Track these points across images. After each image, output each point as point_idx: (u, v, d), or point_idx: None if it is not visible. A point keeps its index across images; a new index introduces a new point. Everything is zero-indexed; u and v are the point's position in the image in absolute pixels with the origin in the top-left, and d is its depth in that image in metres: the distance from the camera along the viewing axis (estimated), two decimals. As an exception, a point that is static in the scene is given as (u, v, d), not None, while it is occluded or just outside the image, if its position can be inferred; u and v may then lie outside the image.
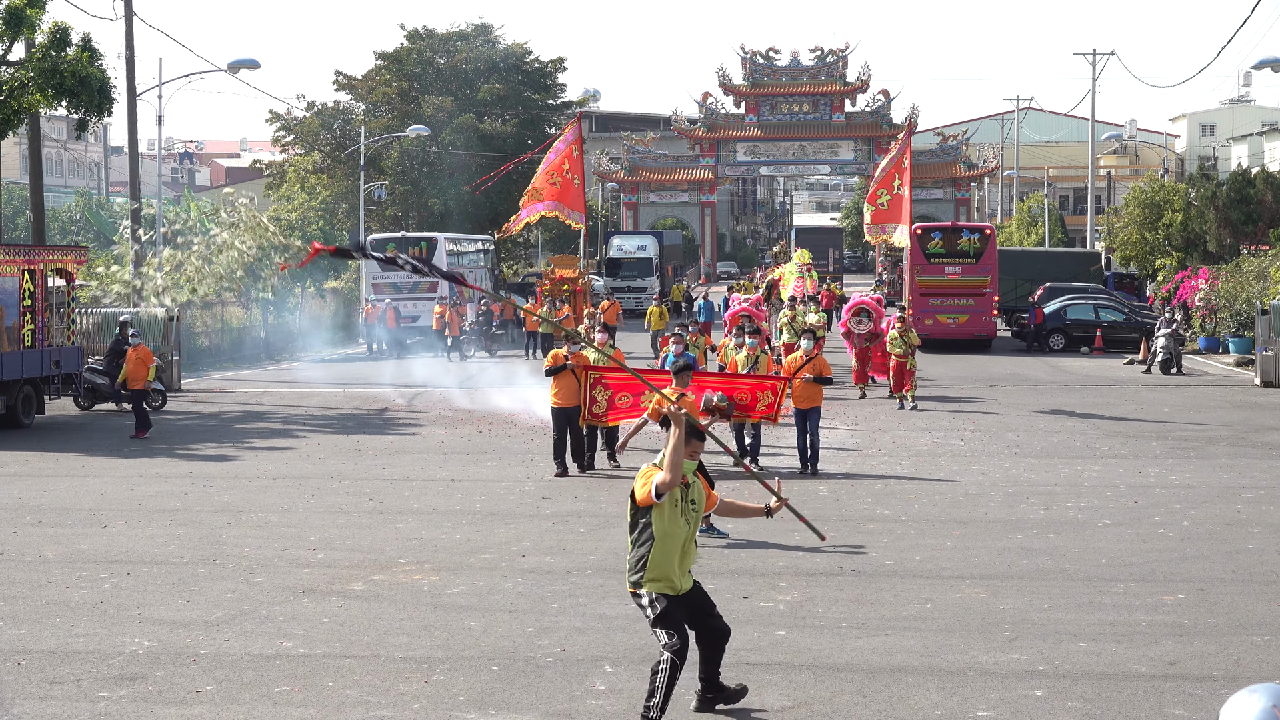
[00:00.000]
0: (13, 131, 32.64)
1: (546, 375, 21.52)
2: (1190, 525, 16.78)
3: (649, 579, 9.43)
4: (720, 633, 9.83)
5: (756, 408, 20.36)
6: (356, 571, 14.40)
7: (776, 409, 20.59)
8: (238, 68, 41.31)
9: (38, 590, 13.68)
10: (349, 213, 67.23)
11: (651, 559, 9.43)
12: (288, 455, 23.32)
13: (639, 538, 9.50)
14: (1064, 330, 46.19)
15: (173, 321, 35.64)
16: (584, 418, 20.93)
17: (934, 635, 11.87)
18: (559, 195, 34.85)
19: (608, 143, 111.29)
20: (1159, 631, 11.99)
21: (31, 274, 27.84)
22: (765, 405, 20.46)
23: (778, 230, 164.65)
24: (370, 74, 74.63)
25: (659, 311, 43.59)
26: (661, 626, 9.38)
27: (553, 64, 78.16)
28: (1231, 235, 52.64)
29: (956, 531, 16.40)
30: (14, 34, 30.58)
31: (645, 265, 72.28)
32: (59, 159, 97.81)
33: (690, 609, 9.62)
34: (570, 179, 35.10)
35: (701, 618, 9.73)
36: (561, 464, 20.80)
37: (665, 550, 9.44)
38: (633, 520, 9.56)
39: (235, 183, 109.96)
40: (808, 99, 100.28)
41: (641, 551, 9.48)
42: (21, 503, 18.68)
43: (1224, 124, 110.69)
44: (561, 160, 34.92)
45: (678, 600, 9.49)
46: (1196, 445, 23.88)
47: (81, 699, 10.31)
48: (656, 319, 43.14)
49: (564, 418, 20.87)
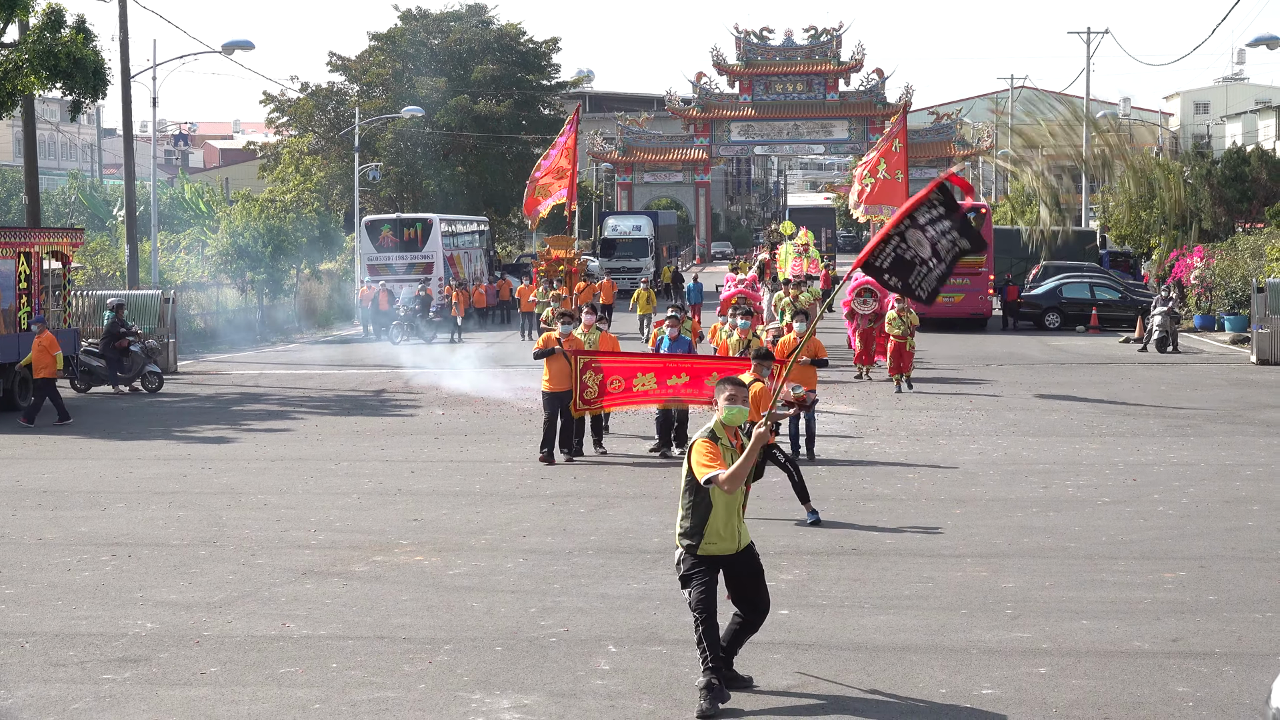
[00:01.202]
0: (7, 114, 32.54)
1: (536, 359, 20.84)
2: (1189, 503, 16.80)
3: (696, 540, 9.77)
4: (755, 606, 9.98)
5: None
6: (358, 553, 14.40)
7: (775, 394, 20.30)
8: (232, 49, 41.16)
9: (39, 573, 13.67)
10: (343, 194, 67.17)
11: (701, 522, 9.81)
12: (286, 437, 23.30)
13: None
14: (1060, 309, 46.22)
15: (168, 304, 35.60)
16: (575, 406, 20.14)
17: (937, 614, 11.89)
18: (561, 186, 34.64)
19: (602, 123, 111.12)
20: (1161, 609, 12.01)
21: (27, 257, 27.77)
22: None
23: (772, 210, 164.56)
24: (364, 55, 74.51)
25: (646, 295, 43.32)
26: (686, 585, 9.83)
27: (546, 44, 78.06)
28: (1226, 213, 52.69)
29: (956, 510, 16.41)
30: (8, 16, 30.45)
31: (640, 246, 72.24)
32: (52, 141, 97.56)
33: (737, 572, 9.91)
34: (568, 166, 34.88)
35: (746, 583, 9.95)
36: (549, 451, 20.07)
37: (715, 515, 9.77)
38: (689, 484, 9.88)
39: (229, 165, 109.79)
40: (802, 78, 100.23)
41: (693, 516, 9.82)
42: (20, 485, 18.67)
43: (1218, 102, 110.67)
44: (562, 154, 34.68)
45: (722, 561, 9.80)
46: (1194, 423, 23.90)
47: (86, 681, 10.31)
48: (643, 303, 42.86)
49: (555, 402, 20.12)
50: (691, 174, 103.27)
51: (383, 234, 52.79)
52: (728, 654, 9.93)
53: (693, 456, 9.75)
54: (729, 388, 10.04)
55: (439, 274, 50.76)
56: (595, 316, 21.77)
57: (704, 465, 9.63)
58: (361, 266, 52.91)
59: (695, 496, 9.73)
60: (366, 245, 52.81)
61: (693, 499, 9.75)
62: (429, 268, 51.49)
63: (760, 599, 9.92)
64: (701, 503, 9.71)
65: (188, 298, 43.31)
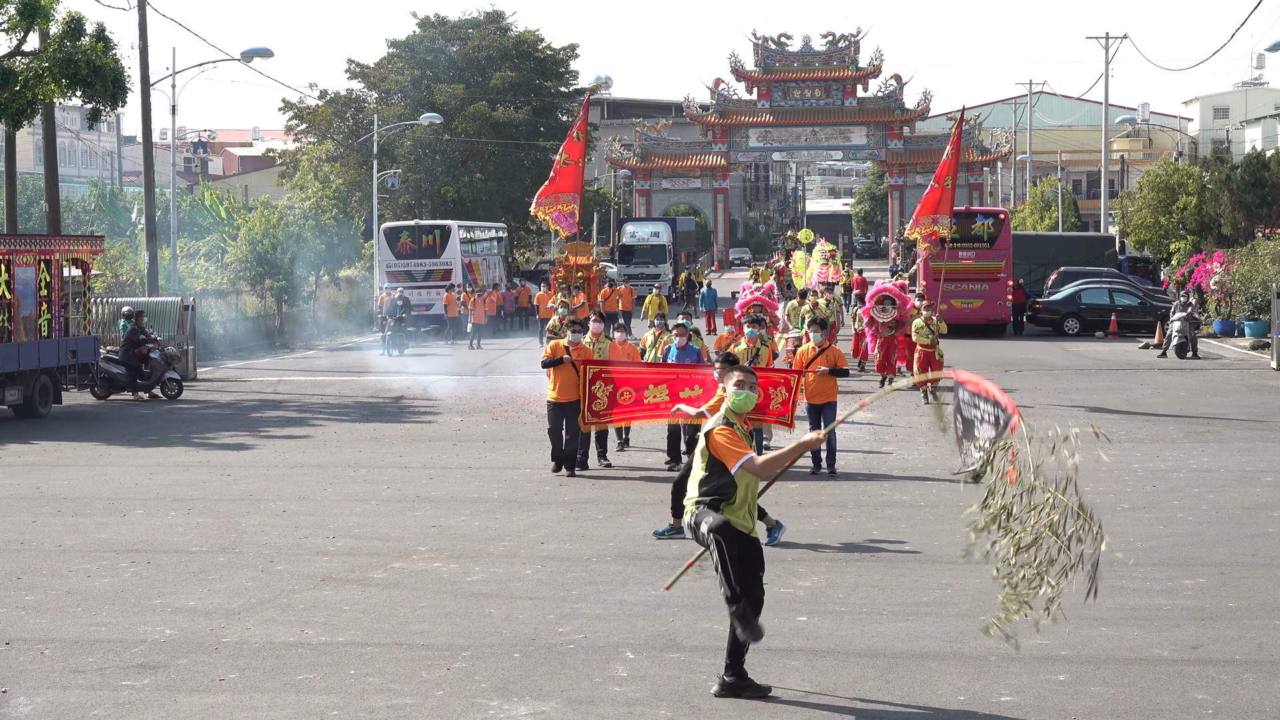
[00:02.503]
0: (28, 122, 32.66)
1: (544, 368, 19.93)
2: (1209, 509, 16.74)
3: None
4: (754, 600, 9.94)
5: (770, 406, 18.63)
6: (376, 559, 14.42)
7: (791, 408, 18.83)
8: (251, 56, 41.33)
9: (59, 579, 13.71)
10: (362, 201, 67.30)
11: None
12: (305, 444, 23.35)
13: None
14: (1079, 314, 46.10)
15: (188, 310, 35.71)
16: (584, 418, 19.23)
17: (955, 620, 11.86)
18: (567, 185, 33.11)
19: (620, 129, 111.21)
20: (1180, 616, 11.97)
21: (48, 264, 27.88)
22: (779, 403, 18.70)
23: (790, 216, 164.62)
24: (382, 62, 74.66)
25: (658, 301, 42.80)
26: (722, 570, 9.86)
27: (564, 51, 78.13)
28: (1246, 218, 52.42)
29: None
30: (29, 24, 30.60)
31: (658, 252, 72.26)
32: (72, 149, 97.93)
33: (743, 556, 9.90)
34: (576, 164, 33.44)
35: (749, 574, 9.94)
36: (559, 462, 19.68)
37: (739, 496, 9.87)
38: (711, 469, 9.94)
39: (249, 172, 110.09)
40: (819, 84, 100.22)
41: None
42: (41, 492, 18.73)
43: (1237, 107, 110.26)
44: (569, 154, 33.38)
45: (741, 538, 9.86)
46: (1214, 429, 23.82)
47: (105, 688, 10.34)
48: (655, 309, 42.27)
49: (561, 414, 19.39)
50: (710, 180, 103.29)
51: (401, 241, 52.91)
52: (736, 660, 9.95)
53: (717, 443, 9.83)
54: (737, 373, 10.10)
55: (457, 280, 50.82)
56: (603, 325, 21.06)
57: (734, 450, 9.76)
58: (380, 273, 53.01)
59: (720, 479, 9.82)
60: (385, 252, 52.92)
61: (717, 481, 9.84)
62: (447, 274, 51.57)
63: (758, 592, 9.94)
64: (726, 484, 9.81)
65: (207, 304, 43.43)
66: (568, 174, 29.44)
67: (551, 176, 29.80)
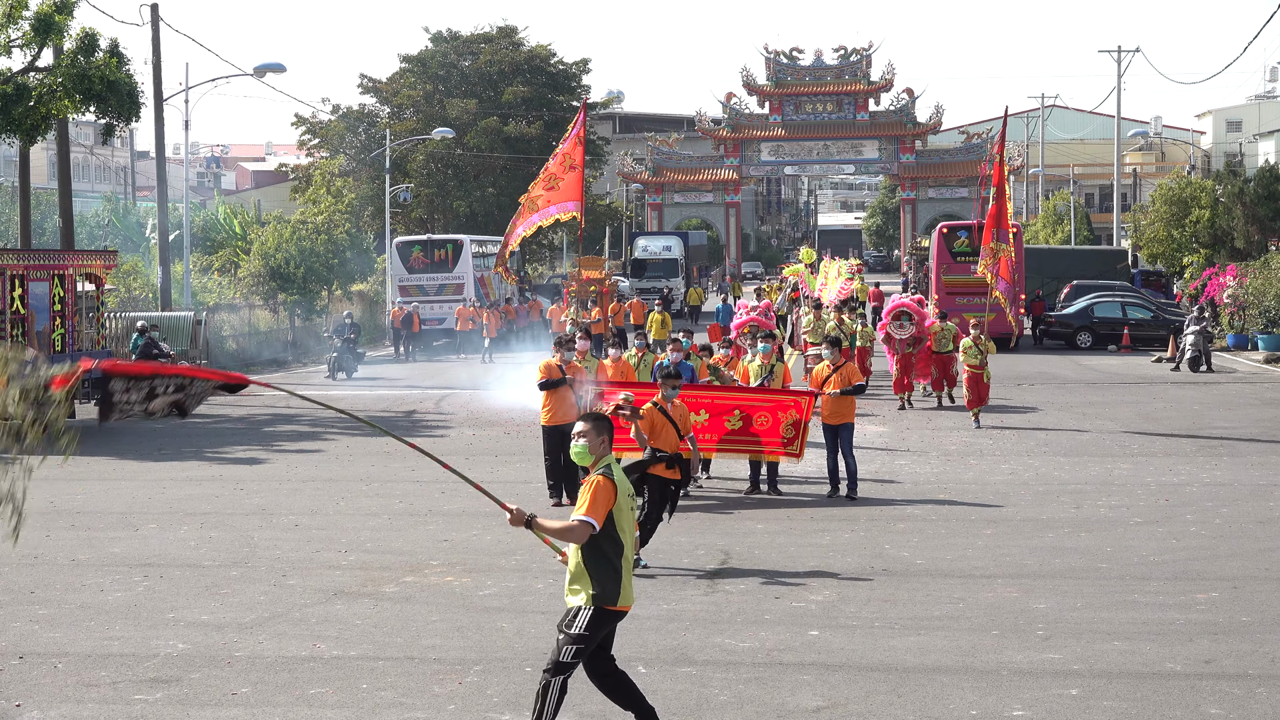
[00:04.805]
0: (41, 137, 32.79)
1: (541, 390, 18.90)
2: (1222, 523, 16.71)
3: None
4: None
5: (781, 431, 18.35)
6: (388, 573, 14.43)
7: (801, 441, 18.45)
8: (263, 72, 41.47)
9: (72, 594, 13.74)
10: (375, 215, 67.45)
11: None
12: (317, 458, 23.38)
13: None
14: (1091, 328, 46.02)
15: (200, 324, 35.77)
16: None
17: (967, 635, 11.85)
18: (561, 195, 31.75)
19: (631, 143, 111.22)
20: (1193, 630, 11.95)
21: (61, 279, 27.96)
22: (790, 426, 18.35)
23: (802, 230, 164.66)
24: (395, 77, 74.92)
25: (660, 319, 40.67)
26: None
27: (576, 65, 78.34)
28: (1259, 232, 52.41)
29: (987, 530, 16.36)
30: (43, 40, 30.70)
31: (670, 266, 72.30)
32: (86, 164, 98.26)
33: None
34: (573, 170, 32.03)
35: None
36: (557, 490, 18.69)
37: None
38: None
39: (261, 186, 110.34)
40: (831, 98, 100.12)
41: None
42: (54, 506, 18.77)
43: (1250, 120, 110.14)
44: (563, 158, 32.21)
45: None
46: (1227, 443, 23.77)
47: (118, 701, 10.36)
48: (658, 327, 39.60)
49: (557, 437, 18.19)
50: (722, 194, 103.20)
51: (414, 255, 52.98)
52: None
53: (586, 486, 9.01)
54: (581, 422, 9.12)
55: (469, 295, 50.89)
56: (589, 342, 20.16)
57: (583, 502, 8.89)
58: (393, 288, 53.09)
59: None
60: (398, 266, 53.00)
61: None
62: (460, 289, 51.60)
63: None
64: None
65: (220, 319, 43.52)
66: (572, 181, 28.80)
67: (553, 184, 29.24)
